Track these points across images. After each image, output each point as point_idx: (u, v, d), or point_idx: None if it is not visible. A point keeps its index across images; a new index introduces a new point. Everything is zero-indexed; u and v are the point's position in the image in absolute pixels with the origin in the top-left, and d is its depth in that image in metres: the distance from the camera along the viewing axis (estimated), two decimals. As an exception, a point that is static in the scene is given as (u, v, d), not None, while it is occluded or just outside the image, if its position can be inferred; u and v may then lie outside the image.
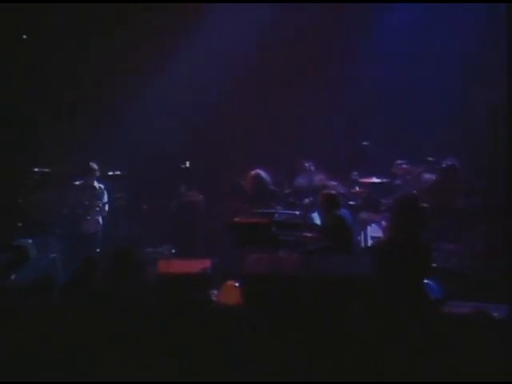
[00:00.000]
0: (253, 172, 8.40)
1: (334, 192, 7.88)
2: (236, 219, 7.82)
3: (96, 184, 9.13)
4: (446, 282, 5.97)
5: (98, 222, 9.16)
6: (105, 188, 9.17)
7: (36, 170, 9.20)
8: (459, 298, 5.96)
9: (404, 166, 8.54)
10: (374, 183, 8.63)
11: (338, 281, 4.75)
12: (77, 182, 9.12)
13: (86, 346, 3.96)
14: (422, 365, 3.63)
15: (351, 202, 8.36)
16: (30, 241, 7.01)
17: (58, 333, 4.09)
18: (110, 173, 9.32)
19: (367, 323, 3.90)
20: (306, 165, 9.10)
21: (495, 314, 4.34)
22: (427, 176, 8.28)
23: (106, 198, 9.16)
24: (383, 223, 8.24)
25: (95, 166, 9.06)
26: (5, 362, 3.98)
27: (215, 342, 3.87)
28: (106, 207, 9.18)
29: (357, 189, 8.73)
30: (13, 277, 6.28)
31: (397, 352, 3.70)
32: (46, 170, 9.25)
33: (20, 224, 8.84)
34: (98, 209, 9.09)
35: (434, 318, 4.26)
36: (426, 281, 5.54)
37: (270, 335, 3.89)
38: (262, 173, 8.39)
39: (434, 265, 6.25)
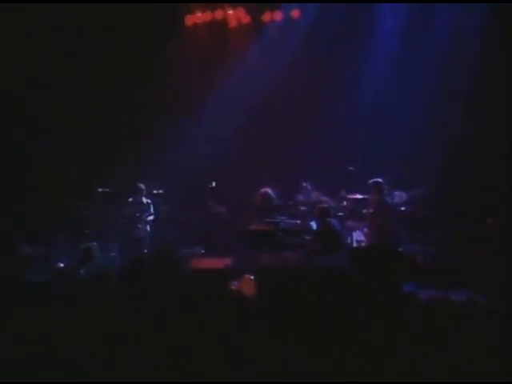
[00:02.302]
0: (262, 190, 8.40)
1: (326, 205, 7.89)
2: (251, 227, 7.88)
3: (144, 200, 9.15)
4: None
5: (146, 229, 9.15)
6: (151, 203, 9.17)
7: (99, 190, 9.25)
8: (423, 286, 5.90)
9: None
10: (357, 198, 8.58)
11: (328, 273, 4.73)
12: (130, 199, 9.15)
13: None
14: (398, 354, 3.36)
15: (340, 213, 8.26)
16: (95, 244, 7.09)
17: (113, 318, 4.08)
18: (155, 191, 9.33)
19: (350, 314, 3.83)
20: (304, 185, 9.11)
21: (455, 299, 4.30)
22: (396, 193, 8.28)
23: (152, 211, 9.16)
24: (365, 229, 8.22)
25: (143, 186, 9.12)
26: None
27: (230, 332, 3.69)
28: (152, 218, 9.19)
29: (344, 203, 8.61)
30: (82, 271, 6.36)
31: (372, 338, 3.44)
32: (107, 189, 9.28)
33: (87, 231, 8.90)
34: (146, 219, 9.12)
35: (409, 308, 4.19)
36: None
37: (279, 323, 3.81)
38: (270, 191, 8.40)
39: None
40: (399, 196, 8.26)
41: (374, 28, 9.50)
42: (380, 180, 7.89)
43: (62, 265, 6.73)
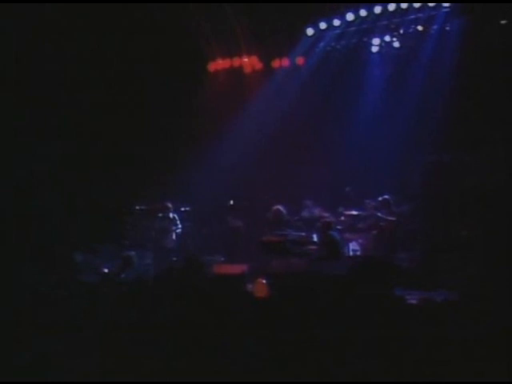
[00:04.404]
0: (274, 207, 8.39)
1: (328, 220, 7.91)
2: (263, 238, 7.87)
3: (171, 215, 9.15)
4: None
5: (174, 240, 9.12)
6: (178, 217, 9.15)
7: (137, 207, 9.27)
8: (408, 288, 5.82)
9: (372, 203, 8.51)
10: (353, 214, 8.58)
11: (329, 278, 4.71)
12: (159, 214, 9.15)
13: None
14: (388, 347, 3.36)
15: (339, 227, 8.22)
16: (133, 252, 7.09)
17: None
18: (183, 209, 9.33)
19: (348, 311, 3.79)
20: (308, 202, 9.11)
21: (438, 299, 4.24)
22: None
23: (178, 224, 9.16)
24: (360, 241, 8.19)
25: (170, 204, 9.15)
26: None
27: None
28: (179, 230, 9.17)
29: (342, 218, 8.64)
30: (122, 276, 6.39)
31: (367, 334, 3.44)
32: (143, 207, 9.28)
33: (127, 242, 8.84)
34: (174, 231, 9.09)
35: (398, 308, 4.13)
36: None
37: (288, 319, 3.79)
38: (281, 207, 8.39)
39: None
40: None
41: (365, 72, 9.70)
42: (387, 196, 7.93)
43: (106, 270, 6.76)
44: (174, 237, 9.15)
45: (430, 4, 8.63)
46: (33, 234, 7.92)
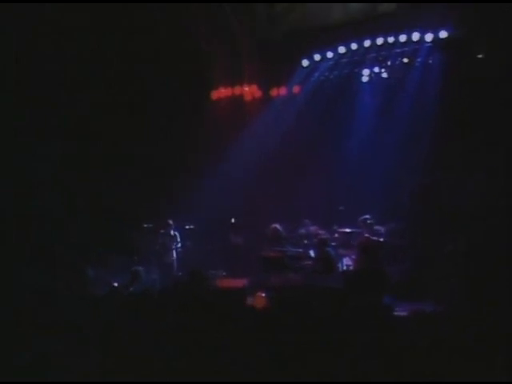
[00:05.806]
0: (272, 225, 8.43)
1: (324, 237, 7.94)
2: (263, 254, 7.86)
3: (172, 232, 9.19)
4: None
5: (174, 256, 9.10)
6: (181, 235, 9.14)
7: (145, 225, 9.22)
8: (399, 300, 5.84)
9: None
10: (346, 232, 8.63)
11: (324, 291, 4.75)
12: (162, 231, 9.16)
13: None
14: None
15: (333, 243, 8.25)
16: (141, 268, 7.10)
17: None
18: (187, 227, 9.37)
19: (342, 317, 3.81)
20: (305, 221, 9.16)
21: (427, 310, 4.27)
22: (377, 227, 8.32)
23: (179, 242, 9.16)
24: (353, 256, 8.21)
25: (171, 222, 9.18)
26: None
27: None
28: (179, 248, 9.16)
29: (336, 235, 8.68)
30: (131, 289, 6.40)
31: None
32: (150, 225, 9.23)
33: (135, 257, 8.76)
34: (174, 248, 9.09)
35: (386, 317, 4.16)
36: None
37: (286, 330, 3.78)
38: (278, 225, 8.45)
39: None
40: (378, 229, 8.30)
41: (357, 100, 9.94)
42: (368, 216, 8.09)
43: (115, 284, 6.77)
44: (174, 254, 9.12)
45: (414, 39, 8.98)
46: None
